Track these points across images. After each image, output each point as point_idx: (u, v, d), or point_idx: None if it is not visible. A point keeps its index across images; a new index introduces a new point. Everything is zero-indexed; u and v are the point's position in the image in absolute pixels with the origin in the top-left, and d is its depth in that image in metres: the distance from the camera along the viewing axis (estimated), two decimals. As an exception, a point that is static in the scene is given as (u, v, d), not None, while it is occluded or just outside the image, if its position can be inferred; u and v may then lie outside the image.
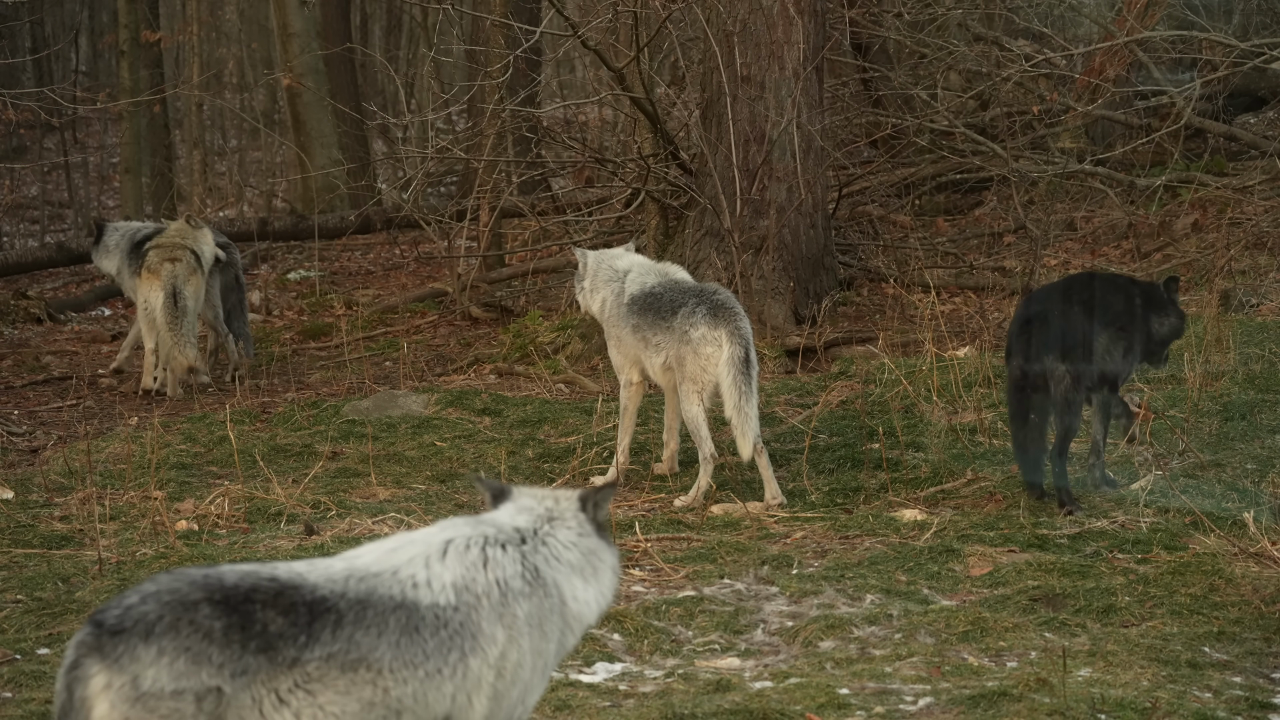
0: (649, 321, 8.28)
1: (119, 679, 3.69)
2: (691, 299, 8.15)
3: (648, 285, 8.43)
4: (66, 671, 3.72)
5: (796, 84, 11.36)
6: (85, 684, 3.71)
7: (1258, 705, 5.43)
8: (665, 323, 8.19)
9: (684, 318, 8.10)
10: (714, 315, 8.02)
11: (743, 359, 7.96)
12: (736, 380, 7.94)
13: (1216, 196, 13.44)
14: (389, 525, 7.76)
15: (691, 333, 8.05)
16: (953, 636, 6.08)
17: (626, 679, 5.84)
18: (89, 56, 30.60)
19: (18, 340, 14.34)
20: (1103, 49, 14.36)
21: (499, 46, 13.12)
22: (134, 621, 3.72)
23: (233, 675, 3.76)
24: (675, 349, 8.13)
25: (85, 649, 3.72)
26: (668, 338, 8.17)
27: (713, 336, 8.01)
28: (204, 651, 3.74)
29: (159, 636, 3.71)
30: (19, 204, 23.14)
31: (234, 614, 3.79)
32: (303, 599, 3.88)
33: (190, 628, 3.74)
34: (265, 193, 22.52)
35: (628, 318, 8.42)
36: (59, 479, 8.95)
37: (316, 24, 19.09)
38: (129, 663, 3.69)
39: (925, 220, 14.65)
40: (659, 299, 8.30)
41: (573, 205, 15.43)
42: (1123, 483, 7.73)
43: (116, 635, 3.71)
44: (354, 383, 11.49)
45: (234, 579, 3.87)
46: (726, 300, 8.13)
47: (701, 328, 8.03)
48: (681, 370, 8.10)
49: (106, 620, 3.73)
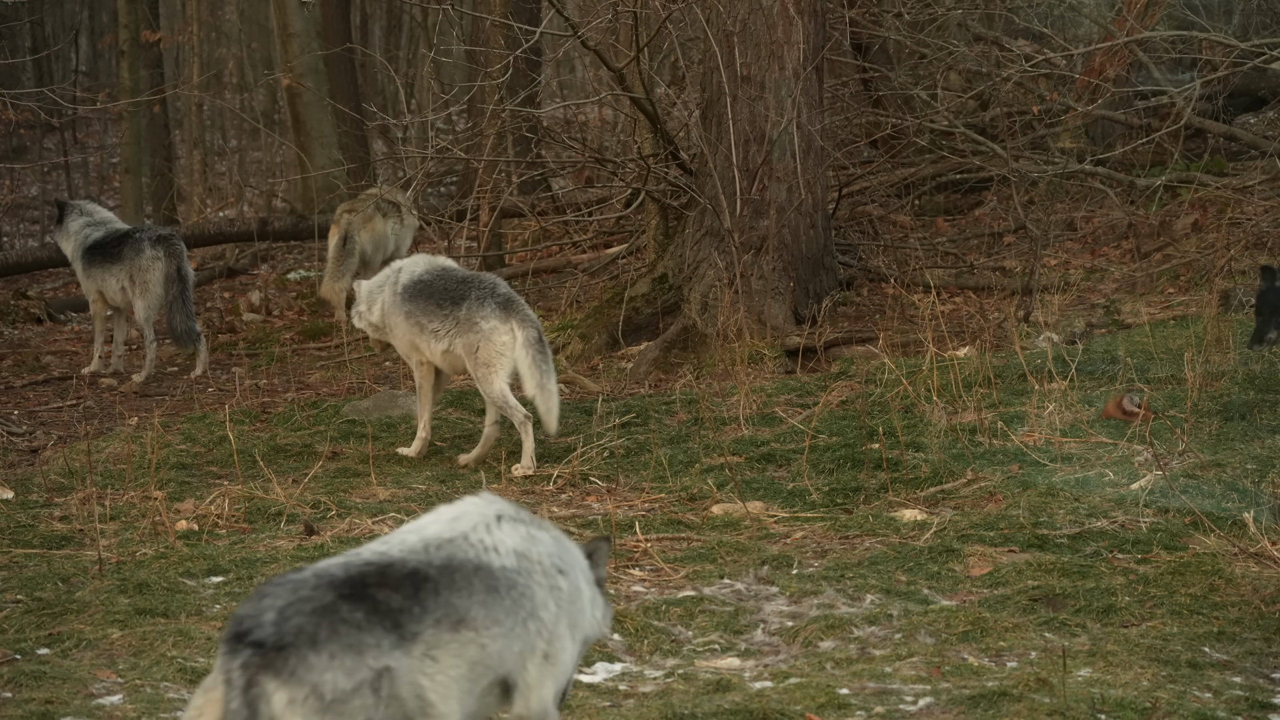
0: (421, 308, 8.90)
1: (300, 692, 3.81)
2: (474, 291, 8.81)
3: (417, 274, 9.08)
4: (243, 691, 3.81)
5: (796, 84, 11.36)
6: (268, 702, 3.81)
7: (1258, 705, 5.43)
8: (445, 311, 8.82)
9: (471, 309, 8.75)
10: (503, 308, 8.73)
11: (536, 340, 8.68)
12: (535, 360, 8.67)
13: (1216, 196, 13.44)
14: (389, 525, 7.76)
15: (483, 324, 8.72)
16: (953, 636, 6.08)
17: (626, 679, 5.84)
18: (89, 56, 30.61)
19: (18, 340, 14.34)
20: (1103, 49, 14.35)
21: (499, 46, 13.12)
22: (294, 634, 3.84)
23: (388, 654, 3.93)
24: (464, 338, 8.78)
25: (255, 669, 3.81)
26: (449, 325, 8.81)
27: (505, 327, 8.71)
28: (361, 641, 3.90)
29: (324, 643, 3.85)
30: (19, 204, 23.16)
31: (364, 600, 3.96)
32: (403, 573, 4.06)
33: (344, 625, 3.89)
34: (265, 193, 22.52)
35: (401, 305, 9.01)
36: (59, 479, 8.95)
37: (316, 24, 19.08)
38: (305, 673, 3.82)
39: (925, 220, 14.65)
40: (431, 286, 8.94)
41: (573, 205, 15.44)
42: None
43: (282, 650, 3.82)
44: (354, 383, 11.49)
45: (340, 571, 4.03)
46: (509, 292, 8.87)
47: (493, 320, 8.71)
48: (475, 357, 8.76)
49: (264, 639, 3.83)
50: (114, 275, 12.10)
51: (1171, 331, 10.50)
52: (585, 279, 13.81)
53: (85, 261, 12.30)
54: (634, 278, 12.21)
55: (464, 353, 8.81)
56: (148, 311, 12.05)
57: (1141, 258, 12.82)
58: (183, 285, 12.13)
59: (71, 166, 23.80)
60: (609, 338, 11.75)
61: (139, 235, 12.21)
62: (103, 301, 12.33)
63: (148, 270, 12.02)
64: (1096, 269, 12.78)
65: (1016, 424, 8.69)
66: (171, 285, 12.06)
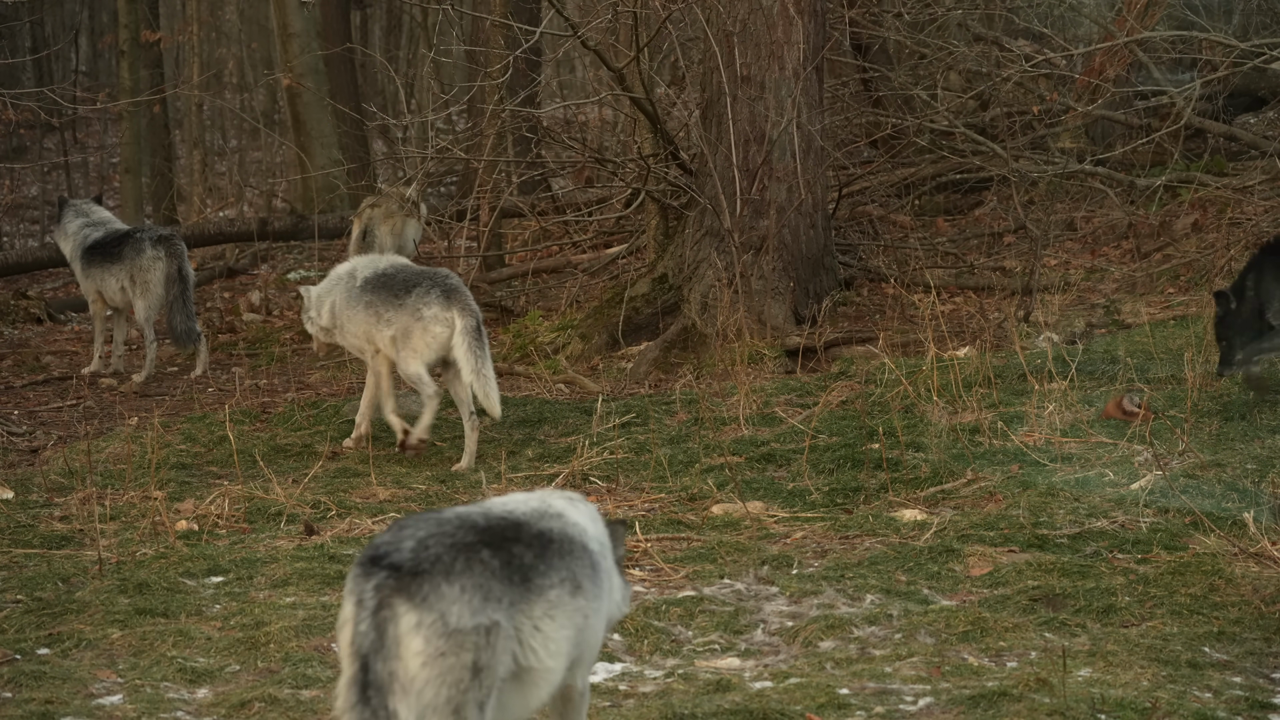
0: (382, 299, 9.22)
1: (429, 617, 3.98)
2: (425, 280, 9.16)
3: (380, 268, 9.44)
4: (374, 613, 3.97)
5: (796, 84, 11.36)
6: (396, 623, 3.98)
7: (1258, 705, 5.43)
8: (399, 300, 9.14)
9: (418, 297, 9.08)
10: (447, 297, 9.04)
11: (474, 329, 8.97)
12: (472, 348, 8.93)
13: (1216, 196, 13.43)
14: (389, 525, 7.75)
15: (424, 311, 9.04)
16: (953, 636, 6.08)
17: (626, 679, 5.84)
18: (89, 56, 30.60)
19: (18, 340, 14.34)
20: (1103, 49, 14.35)
21: (499, 47, 13.11)
22: (431, 563, 4.02)
23: (508, 608, 4.10)
24: (404, 323, 9.09)
25: (389, 590, 3.98)
26: (399, 313, 9.12)
27: (444, 316, 9.01)
28: (492, 589, 4.08)
29: (458, 576, 4.03)
30: (19, 204, 23.14)
31: (502, 551, 4.15)
32: (534, 533, 4.27)
33: (480, 566, 4.07)
34: (265, 193, 22.51)
35: (360, 297, 9.33)
36: (59, 479, 8.95)
37: (316, 24, 19.07)
38: (436, 601, 3.99)
39: (925, 220, 14.64)
40: (393, 279, 9.27)
41: (573, 205, 15.43)
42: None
43: (418, 576, 4.00)
44: (354, 383, 11.48)
45: (481, 520, 4.21)
46: (457, 284, 9.16)
47: (435, 307, 9.02)
48: (406, 342, 9.08)
49: (402, 563, 4.01)
50: (114, 275, 12.10)
51: (1171, 331, 10.50)
52: (585, 279, 13.81)
53: (84, 262, 12.30)
54: (634, 278, 12.21)
55: (400, 337, 9.11)
56: (148, 311, 12.05)
57: (1141, 258, 12.82)
58: (183, 285, 12.12)
59: (71, 166, 23.79)
60: (609, 338, 11.75)
61: (140, 235, 12.20)
62: (102, 302, 12.33)
63: (149, 270, 12.02)
64: (1096, 269, 12.78)
65: (1016, 424, 8.69)
66: (172, 285, 12.05)
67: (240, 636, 6.27)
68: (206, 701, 5.74)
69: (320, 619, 6.43)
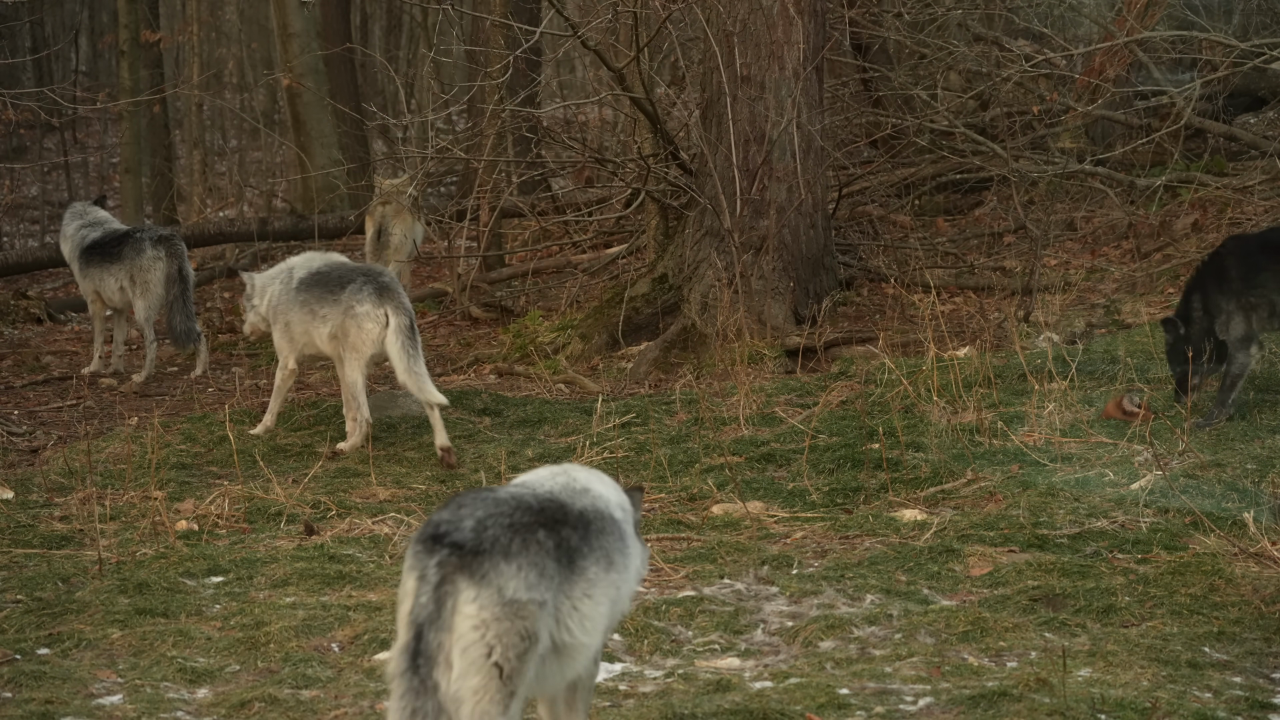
0: (317, 296, 9.44)
1: (486, 592, 4.23)
2: (359, 277, 9.37)
3: (314, 267, 9.65)
4: (435, 588, 4.22)
5: (796, 84, 11.36)
6: (455, 597, 4.23)
7: (1258, 705, 5.43)
8: (334, 296, 9.34)
9: (351, 293, 9.28)
10: (379, 294, 9.22)
11: (407, 327, 9.15)
12: (405, 346, 9.11)
13: (1216, 196, 13.43)
14: (389, 525, 7.76)
15: (357, 308, 9.23)
16: (953, 636, 6.08)
17: (626, 679, 5.84)
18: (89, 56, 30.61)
19: (18, 340, 14.34)
20: (1103, 49, 14.34)
21: (499, 46, 13.11)
22: (491, 543, 4.26)
23: (557, 588, 4.35)
24: (340, 320, 9.28)
25: (451, 568, 4.24)
26: (334, 310, 9.32)
27: (376, 314, 9.20)
28: (546, 568, 4.32)
29: (516, 555, 4.27)
30: (19, 204, 23.13)
31: (554, 533, 4.38)
32: (576, 513, 4.49)
33: (537, 547, 4.31)
34: (265, 193, 22.51)
35: (297, 296, 9.56)
36: (59, 479, 8.95)
37: (316, 24, 19.07)
38: (495, 577, 4.24)
39: (925, 220, 14.64)
40: (328, 276, 9.49)
41: (573, 205, 15.43)
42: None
43: (479, 555, 4.25)
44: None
45: (533, 502, 4.43)
46: (390, 281, 9.37)
47: (367, 304, 9.22)
48: (345, 340, 9.28)
49: (464, 542, 4.26)
50: (113, 275, 12.10)
51: (1171, 331, 10.49)
52: (585, 279, 13.81)
53: (83, 262, 12.31)
54: (634, 278, 12.21)
55: (340, 335, 9.32)
56: (148, 312, 12.05)
57: (1141, 258, 12.81)
58: (183, 285, 12.12)
59: (71, 166, 23.79)
60: (609, 338, 11.75)
61: (139, 235, 12.20)
62: (100, 302, 12.33)
63: (149, 270, 12.02)
64: (1096, 269, 12.78)
65: (1016, 424, 8.69)
66: (172, 285, 12.05)
67: (240, 636, 6.27)
68: (206, 701, 5.74)
69: (320, 619, 6.43)
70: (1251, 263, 8.64)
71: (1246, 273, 8.62)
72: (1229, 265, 8.70)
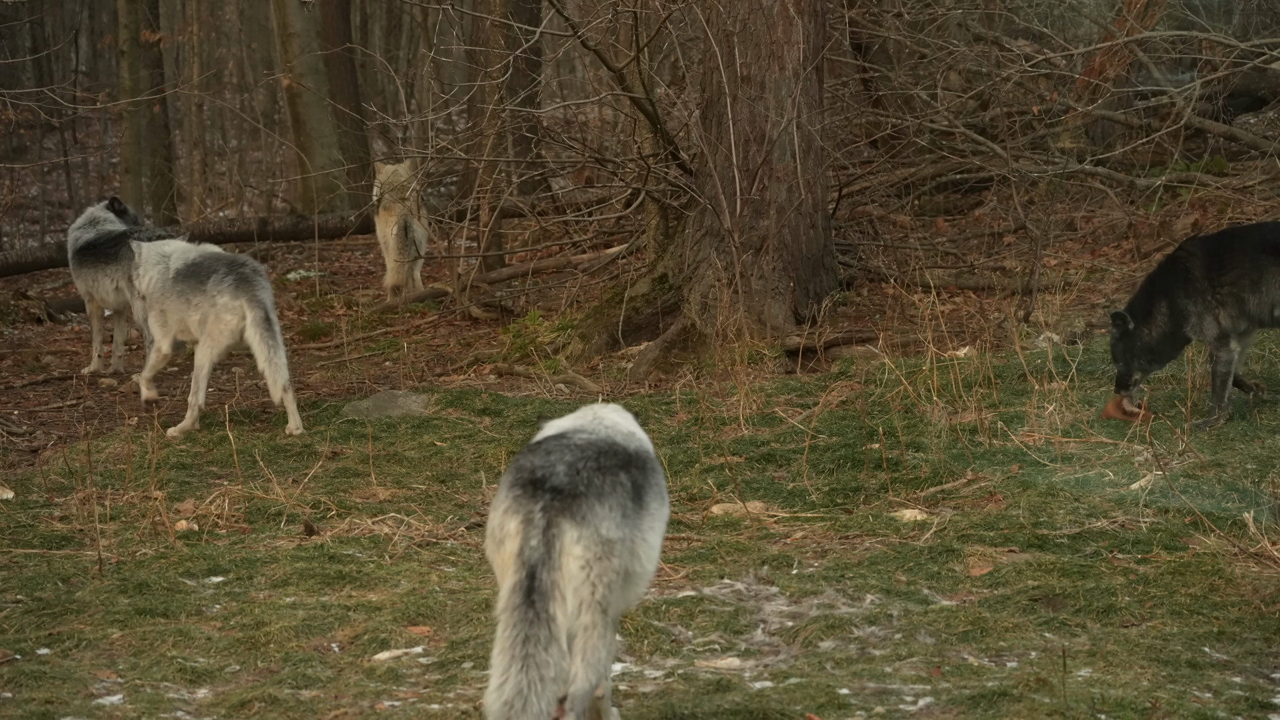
0: (191, 286, 10.01)
1: (587, 532, 4.66)
2: (223, 267, 9.94)
3: (190, 258, 10.22)
4: (544, 531, 4.63)
5: (796, 84, 11.35)
6: (561, 539, 4.65)
7: (1258, 705, 5.43)
8: (203, 286, 9.93)
9: (214, 284, 9.88)
10: (237, 286, 9.81)
11: (264, 319, 9.74)
12: (264, 338, 9.73)
13: (1216, 196, 13.43)
14: (389, 525, 7.76)
15: (218, 299, 9.83)
16: (953, 636, 6.08)
17: (626, 679, 5.84)
18: (89, 56, 30.61)
19: (18, 340, 14.34)
20: (1103, 49, 14.34)
21: (499, 46, 13.11)
22: (586, 486, 4.70)
23: (633, 524, 4.79)
24: (205, 309, 9.92)
25: (555, 511, 4.66)
26: (202, 299, 9.93)
27: (234, 305, 9.80)
28: (627, 507, 4.77)
29: (606, 497, 4.72)
30: (19, 204, 23.12)
31: (628, 473, 4.83)
32: (632, 453, 4.93)
33: (620, 489, 4.77)
34: (265, 193, 22.51)
35: (174, 286, 10.13)
36: (59, 479, 8.95)
37: (316, 24, 19.08)
38: (592, 519, 4.68)
39: (925, 220, 14.64)
40: (200, 267, 10.07)
41: (573, 205, 15.43)
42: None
43: (577, 498, 4.68)
44: (354, 383, 11.49)
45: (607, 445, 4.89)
46: (250, 274, 9.91)
47: (226, 296, 9.82)
48: (204, 328, 9.91)
49: (562, 486, 4.68)
50: (109, 276, 12.09)
51: (1171, 331, 10.49)
52: (585, 279, 13.81)
53: (77, 262, 12.31)
54: (634, 278, 12.21)
55: (202, 323, 9.95)
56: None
57: (1142, 258, 12.81)
58: None
59: (71, 166, 23.79)
60: (609, 338, 11.75)
61: (136, 235, 12.19)
62: (95, 302, 12.33)
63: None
64: (1096, 269, 12.78)
65: (1016, 424, 8.69)
66: None
67: (240, 636, 6.27)
68: (206, 701, 5.74)
69: (320, 619, 6.43)
70: (1214, 262, 8.68)
71: (1210, 272, 8.66)
72: (1191, 267, 8.73)
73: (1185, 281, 8.72)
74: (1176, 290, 8.74)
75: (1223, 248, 8.79)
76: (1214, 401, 8.69)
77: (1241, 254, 8.66)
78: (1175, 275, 8.79)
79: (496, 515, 4.75)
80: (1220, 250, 8.75)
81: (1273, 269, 8.55)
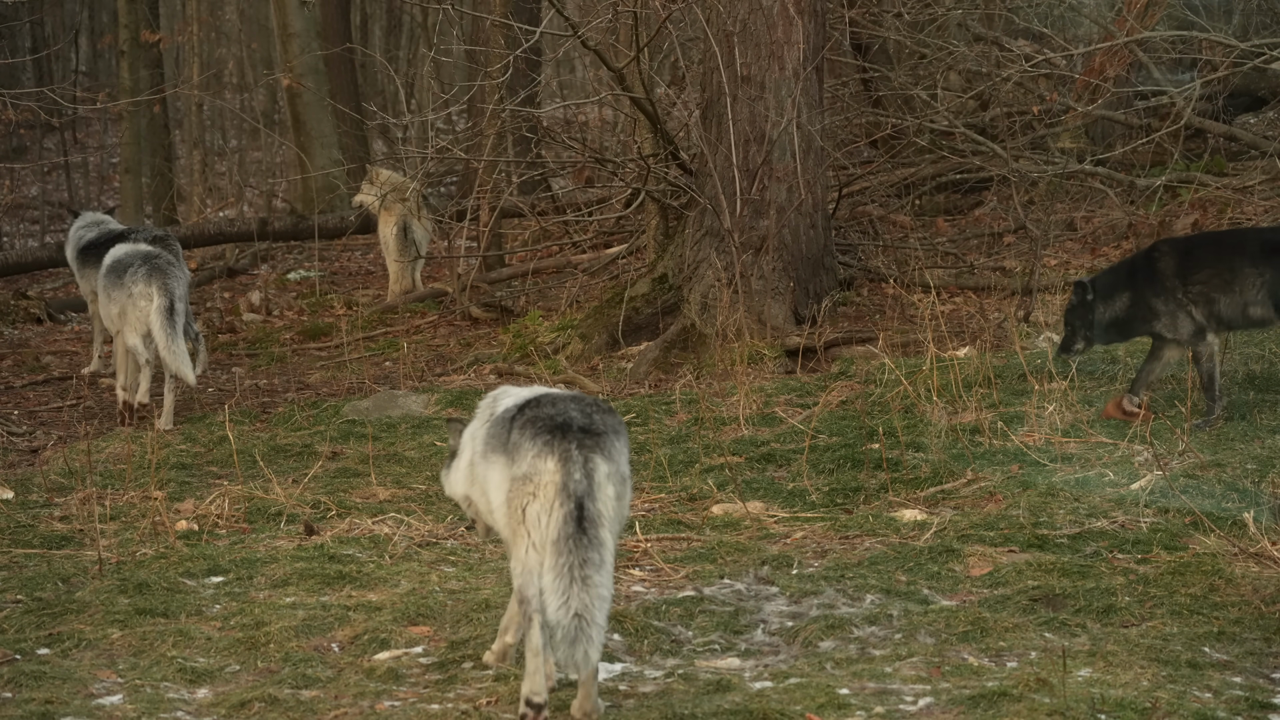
0: (114, 283, 10.56)
1: (612, 467, 5.29)
2: (138, 260, 10.51)
3: (118, 255, 10.68)
4: (583, 465, 5.21)
5: (796, 84, 11.35)
6: (598, 470, 5.24)
7: (1258, 705, 5.43)
8: (121, 279, 10.47)
9: (130, 275, 10.44)
10: (149, 277, 10.37)
11: (167, 308, 10.29)
12: (164, 325, 10.26)
13: (1216, 197, 13.43)
14: (389, 525, 7.76)
15: (133, 288, 10.40)
16: (953, 636, 6.08)
17: (626, 679, 5.84)
18: (89, 56, 30.61)
19: (18, 340, 14.34)
20: (1103, 49, 14.35)
21: (499, 46, 13.11)
22: (604, 426, 5.31)
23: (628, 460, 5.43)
24: (123, 300, 10.45)
25: (589, 448, 5.25)
26: (120, 292, 10.47)
27: (146, 293, 10.35)
28: (628, 446, 5.44)
29: (619, 436, 5.37)
30: (19, 204, 23.14)
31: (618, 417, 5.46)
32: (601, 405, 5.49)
33: (624, 430, 5.44)
34: (265, 193, 22.52)
35: (104, 279, 10.68)
36: (59, 479, 8.95)
37: (316, 24, 19.08)
38: (615, 454, 5.32)
39: (925, 220, 14.64)
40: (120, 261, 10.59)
41: (573, 205, 15.43)
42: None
43: (603, 436, 5.29)
44: (354, 383, 11.49)
45: (587, 397, 5.47)
46: (162, 265, 10.47)
47: (140, 284, 10.38)
48: (124, 318, 10.48)
49: (589, 427, 5.28)
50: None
51: (1171, 331, 10.49)
52: (585, 279, 13.81)
53: (79, 262, 12.31)
54: (634, 278, 12.21)
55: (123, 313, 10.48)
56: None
57: (1141, 258, 12.81)
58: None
59: (71, 166, 23.80)
60: (609, 338, 11.75)
61: (134, 236, 12.20)
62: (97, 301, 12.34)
63: None
64: (1097, 269, 12.78)
65: (1016, 424, 8.69)
66: None
67: (240, 636, 6.27)
68: (206, 701, 5.74)
69: (320, 619, 6.43)
70: (1187, 262, 8.71)
71: (1181, 271, 8.69)
72: (1163, 267, 8.75)
73: (1155, 282, 8.75)
74: (1146, 290, 8.77)
75: (1197, 247, 8.87)
76: (1207, 400, 8.69)
77: (1214, 254, 8.73)
78: (1146, 276, 8.82)
79: (525, 462, 5.25)
80: (1193, 250, 8.81)
81: (1245, 270, 8.60)
